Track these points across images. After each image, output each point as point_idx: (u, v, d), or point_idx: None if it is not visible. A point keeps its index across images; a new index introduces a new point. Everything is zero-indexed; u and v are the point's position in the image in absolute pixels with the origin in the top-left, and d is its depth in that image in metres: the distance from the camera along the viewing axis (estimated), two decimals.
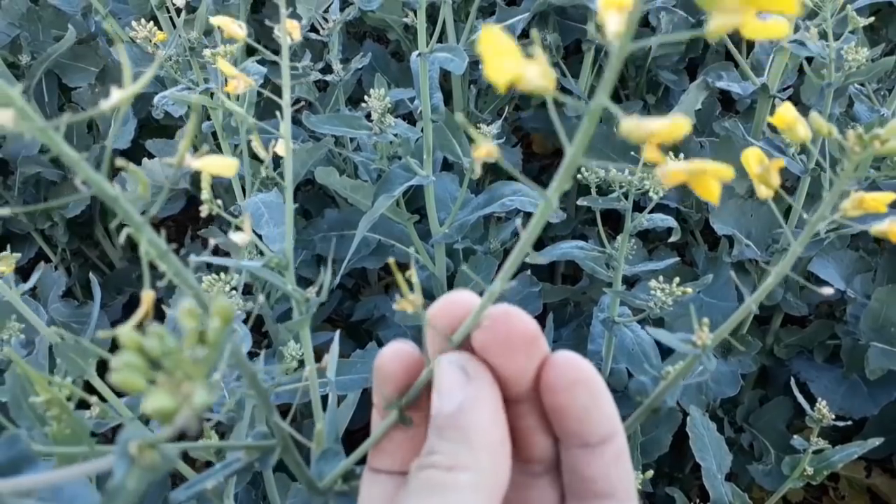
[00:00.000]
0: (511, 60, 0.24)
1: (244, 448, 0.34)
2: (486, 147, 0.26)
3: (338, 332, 0.59)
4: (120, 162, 0.31)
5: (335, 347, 0.56)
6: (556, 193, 0.27)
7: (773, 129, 1.14)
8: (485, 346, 0.31)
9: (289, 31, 0.48)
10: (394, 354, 0.34)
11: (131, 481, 0.21)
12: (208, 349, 0.20)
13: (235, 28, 0.48)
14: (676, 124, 0.23)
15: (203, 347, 0.20)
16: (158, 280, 0.32)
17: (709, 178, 0.24)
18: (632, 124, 0.23)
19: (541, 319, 1.22)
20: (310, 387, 0.55)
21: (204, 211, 0.46)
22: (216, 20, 0.50)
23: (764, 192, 0.35)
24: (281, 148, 0.48)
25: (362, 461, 0.34)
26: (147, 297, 0.20)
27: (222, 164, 0.30)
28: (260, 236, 0.96)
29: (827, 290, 0.33)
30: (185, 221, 1.65)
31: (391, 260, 0.34)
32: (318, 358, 1.36)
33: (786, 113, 0.37)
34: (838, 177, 0.35)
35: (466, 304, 0.32)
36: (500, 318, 0.31)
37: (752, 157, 0.35)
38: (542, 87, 0.24)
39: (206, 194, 0.45)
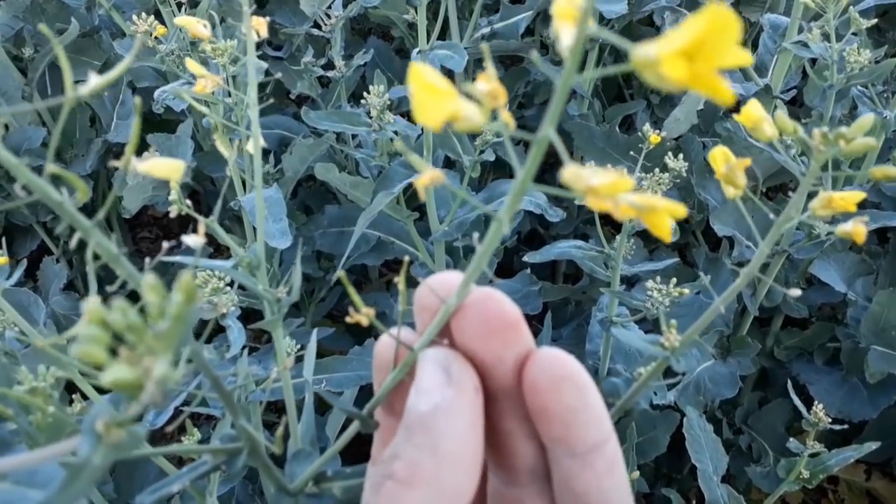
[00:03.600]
0: (444, 100, 0.23)
1: (211, 451, 0.34)
2: (430, 174, 0.25)
3: (315, 331, 0.58)
4: (114, 162, 0.30)
5: (312, 347, 0.55)
6: (507, 215, 0.25)
7: None
8: (462, 329, 0.29)
9: (255, 27, 0.48)
10: (392, 341, 0.32)
11: (97, 458, 0.21)
12: (171, 324, 0.20)
13: (200, 28, 0.47)
14: (617, 182, 0.22)
15: (165, 322, 0.20)
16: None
17: (660, 214, 0.23)
18: (572, 174, 0.22)
19: (541, 318, 1.22)
20: (283, 388, 0.55)
21: (173, 211, 0.45)
22: (179, 20, 0.49)
23: (731, 192, 0.34)
24: (251, 146, 0.47)
25: (352, 462, 0.33)
26: (91, 305, 0.20)
27: (168, 167, 0.30)
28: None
29: (794, 292, 0.32)
30: (186, 215, 1.65)
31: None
32: (319, 355, 1.36)
33: (751, 111, 0.36)
34: (805, 177, 0.34)
35: (454, 286, 0.29)
36: (480, 301, 0.29)
37: (719, 157, 0.34)
38: (478, 124, 0.23)
39: (174, 195, 0.44)
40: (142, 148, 1.31)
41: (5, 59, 1.39)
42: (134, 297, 0.29)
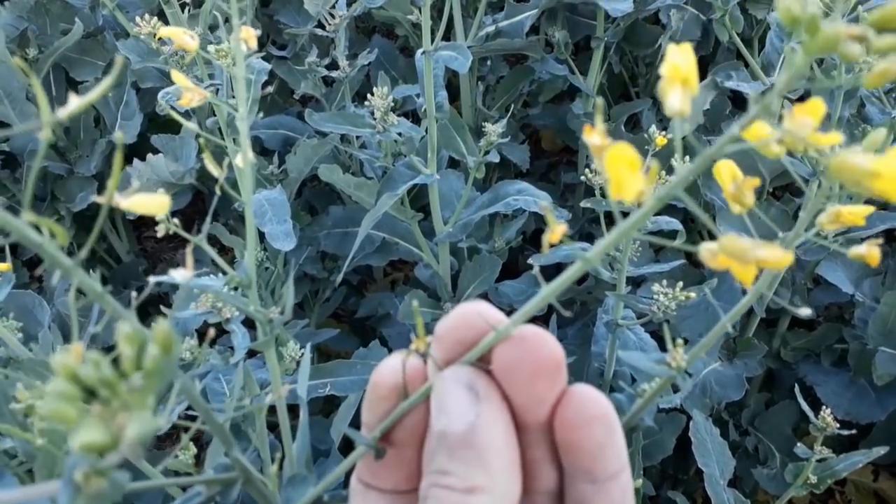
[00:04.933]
0: (637, 176, 0.24)
1: (205, 482, 0.33)
2: (559, 229, 0.27)
3: (309, 346, 0.57)
4: (97, 198, 0.30)
5: (306, 362, 0.54)
6: (598, 255, 0.27)
7: None
8: (509, 367, 0.29)
9: (244, 39, 0.47)
10: (393, 371, 0.31)
11: None
12: (147, 378, 0.19)
13: (186, 39, 0.47)
14: (785, 257, 0.23)
15: (142, 376, 0.19)
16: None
17: (752, 266, 0.24)
18: (737, 246, 0.23)
19: (545, 319, 1.22)
20: (277, 409, 0.54)
21: (160, 231, 0.45)
22: (165, 31, 0.49)
23: (738, 209, 0.34)
24: (240, 160, 0.47)
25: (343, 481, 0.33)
26: (76, 350, 0.19)
27: (152, 204, 0.29)
28: (263, 234, 0.96)
29: (805, 311, 0.32)
30: (192, 215, 1.65)
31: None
32: (324, 356, 1.34)
33: (759, 128, 0.35)
34: (815, 195, 0.33)
35: (484, 319, 0.30)
36: (532, 339, 0.29)
37: (725, 173, 0.32)
38: (645, 194, 0.25)
39: (161, 215, 0.44)
40: (148, 147, 1.31)
41: (9, 59, 1.39)
42: (140, 310, 0.29)
